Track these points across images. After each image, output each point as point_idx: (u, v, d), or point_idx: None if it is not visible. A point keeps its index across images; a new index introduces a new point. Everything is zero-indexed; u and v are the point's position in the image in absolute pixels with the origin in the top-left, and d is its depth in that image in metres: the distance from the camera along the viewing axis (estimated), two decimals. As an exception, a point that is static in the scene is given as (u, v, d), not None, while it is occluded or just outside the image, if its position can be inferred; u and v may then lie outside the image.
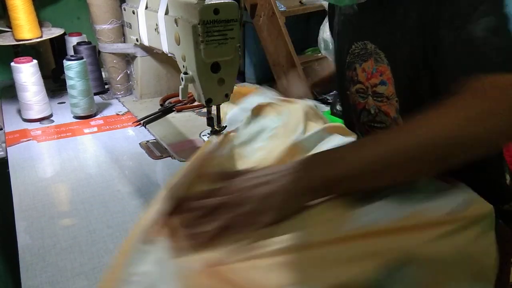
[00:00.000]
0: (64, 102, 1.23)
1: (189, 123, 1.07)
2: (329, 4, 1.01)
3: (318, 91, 0.91)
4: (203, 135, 1.01)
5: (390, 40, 0.78)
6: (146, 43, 1.07)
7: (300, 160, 0.55)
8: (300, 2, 2.93)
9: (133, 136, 1.02)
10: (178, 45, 0.82)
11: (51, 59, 1.41)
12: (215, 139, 0.71)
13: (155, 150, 0.94)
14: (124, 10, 1.14)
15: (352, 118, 0.89)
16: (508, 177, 0.82)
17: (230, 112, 0.86)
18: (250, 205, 0.51)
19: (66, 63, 1.05)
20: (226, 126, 0.86)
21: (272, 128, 0.77)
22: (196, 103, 1.17)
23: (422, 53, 0.71)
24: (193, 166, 0.61)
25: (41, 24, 1.24)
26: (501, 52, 0.55)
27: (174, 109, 1.15)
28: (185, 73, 0.80)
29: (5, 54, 1.39)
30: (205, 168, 0.61)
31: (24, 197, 0.75)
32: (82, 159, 0.90)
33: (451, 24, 0.61)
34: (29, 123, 1.09)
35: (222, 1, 0.72)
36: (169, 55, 0.93)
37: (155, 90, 1.25)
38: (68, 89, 1.08)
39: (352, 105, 0.86)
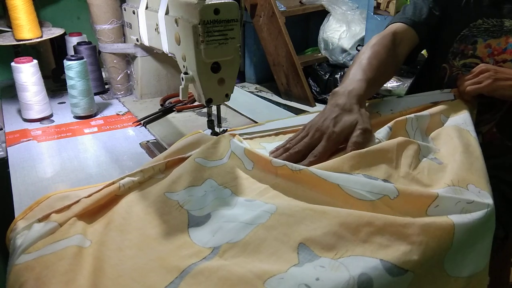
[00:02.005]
0: (64, 102, 1.23)
1: (189, 123, 1.07)
2: None
3: None
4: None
5: None
6: (146, 43, 1.07)
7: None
8: (300, 2, 2.94)
9: (133, 136, 1.02)
10: (178, 45, 0.83)
11: (51, 59, 1.41)
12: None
13: (155, 150, 0.94)
14: (124, 10, 1.14)
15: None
16: None
17: None
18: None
19: (66, 63, 1.05)
20: (226, 129, 0.86)
21: None
22: (196, 103, 1.17)
23: None
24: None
25: (41, 24, 1.24)
26: None
27: (174, 109, 1.15)
28: (185, 73, 0.80)
29: (5, 54, 1.39)
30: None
31: (24, 197, 0.75)
32: (82, 159, 0.90)
33: None
34: (29, 123, 1.09)
35: (222, 1, 0.72)
36: (169, 55, 0.93)
37: (155, 90, 1.25)
38: (68, 89, 1.08)
39: (450, 78, 0.88)
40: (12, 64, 1.04)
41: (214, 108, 0.85)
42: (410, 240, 0.53)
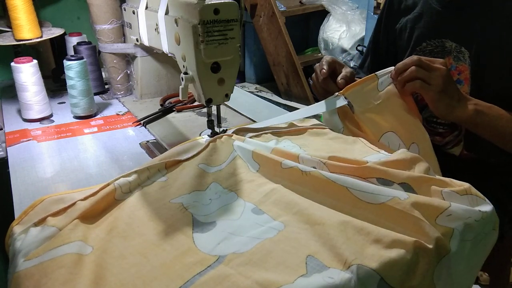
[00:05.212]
0: (64, 102, 1.23)
1: (189, 123, 1.07)
2: (387, 5, 1.03)
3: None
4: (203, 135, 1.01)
5: (482, 41, 0.81)
6: (146, 43, 1.07)
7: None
8: (300, 2, 2.94)
9: (133, 136, 1.02)
10: (178, 45, 0.82)
11: (51, 59, 1.41)
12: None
13: (155, 150, 0.94)
14: (124, 10, 1.14)
15: None
16: None
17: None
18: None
19: (66, 63, 1.05)
20: (226, 129, 0.86)
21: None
22: (196, 103, 1.17)
23: None
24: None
25: (41, 24, 1.24)
26: None
27: (174, 109, 1.15)
28: (185, 73, 0.80)
29: (5, 54, 1.39)
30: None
31: (24, 197, 0.75)
32: (82, 159, 0.90)
33: None
34: (29, 123, 1.09)
35: (222, 1, 0.72)
36: (169, 55, 0.93)
37: (155, 90, 1.25)
38: (68, 89, 1.08)
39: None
40: (12, 64, 1.04)
41: (214, 108, 0.85)
42: (416, 261, 0.54)
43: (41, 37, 1.20)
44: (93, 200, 0.64)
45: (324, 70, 0.88)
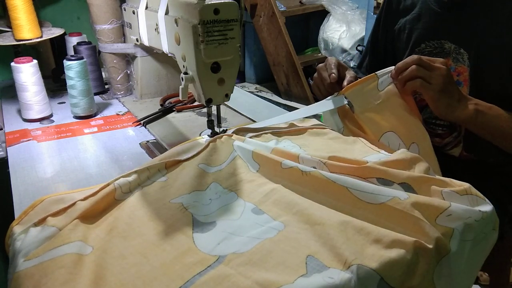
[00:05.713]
0: (64, 102, 1.23)
1: (189, 123, 1.07)
2: (386, 6, 1.03)
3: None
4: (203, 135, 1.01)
5: (481, 42, 0.81)
6: (146, 43, 1.07)
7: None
8: (300, 2, 2.94)
9: (133, 136, 1.02)
10: (178, 45, 0.83)
11: (51, 59, 1.41)
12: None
13: (155, 150, 0.94)
14: (124, 10, 1.14)
15: None
16: None
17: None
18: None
19: (66, 63, 1.05)
20: (226, 129, 0.86)
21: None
22: (196, 103, 1.17)
23: None
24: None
25: (41, 24, 1.24)
26: None
27: (174, 109, 1.15)
28: (185, 73, 0.80)
29: (5, 54, 1.39)
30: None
31: (24, 197, 0.75)
32: (82, 159, 0.90)
33: None
34: (29, 123, 1.09)
35: (222, 1, 0.72)
36: (169, 55, 0.93)
37: (155, 90, 1.25)
38: (68, 89, 1.08)
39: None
40: (12, 64, 1.04)
41: (214, 108, 0.85)
42: (416, 261, 0.54)
43: (41, 37, 1.20)
44: (93, 200, 0.64)
45: (334, 75, 0.88)
